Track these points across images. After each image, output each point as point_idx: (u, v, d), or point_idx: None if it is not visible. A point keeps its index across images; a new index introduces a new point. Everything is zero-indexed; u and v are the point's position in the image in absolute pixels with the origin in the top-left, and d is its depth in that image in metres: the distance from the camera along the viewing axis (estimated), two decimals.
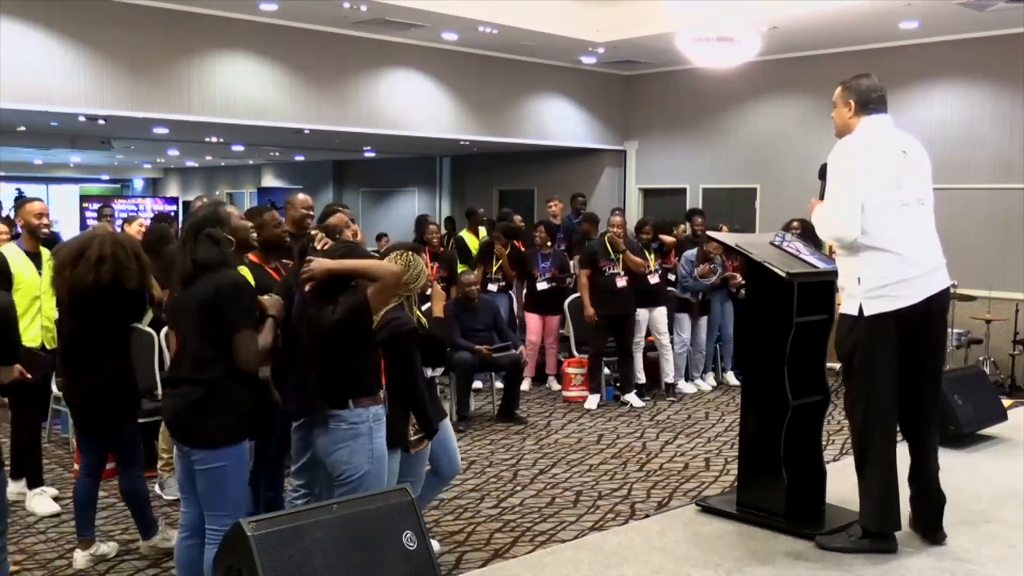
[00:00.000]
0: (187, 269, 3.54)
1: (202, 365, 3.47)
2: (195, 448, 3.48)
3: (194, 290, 3.51)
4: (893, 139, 4.29)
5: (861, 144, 4.23)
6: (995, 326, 9.12)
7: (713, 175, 11.93)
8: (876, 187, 4.14)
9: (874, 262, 4.16)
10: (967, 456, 6.13)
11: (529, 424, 7.51)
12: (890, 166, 4.20)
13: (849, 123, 4.31)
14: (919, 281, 4.20)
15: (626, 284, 8.09)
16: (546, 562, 4.32)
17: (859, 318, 4.19)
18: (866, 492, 4.30)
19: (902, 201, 4.19)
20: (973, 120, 9.66)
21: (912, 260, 4.19)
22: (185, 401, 3.49)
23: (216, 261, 3.52)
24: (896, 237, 4.16)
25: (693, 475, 6.08)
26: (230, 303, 3.46)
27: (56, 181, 25.53)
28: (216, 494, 3.48)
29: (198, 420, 3.47)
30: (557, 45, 10.62)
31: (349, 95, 10.12)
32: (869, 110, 4.27)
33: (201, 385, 3.47)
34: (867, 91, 4.29)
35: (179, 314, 3.63)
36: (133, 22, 8.51)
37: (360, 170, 18.94)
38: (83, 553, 4.46)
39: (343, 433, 3.63)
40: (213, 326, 3.46)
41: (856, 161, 4.18)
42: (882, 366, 4.21)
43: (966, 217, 9.42)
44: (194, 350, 3.50)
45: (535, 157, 13.66)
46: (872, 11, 8.74)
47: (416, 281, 4.10)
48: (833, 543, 4.34)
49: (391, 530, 3.28)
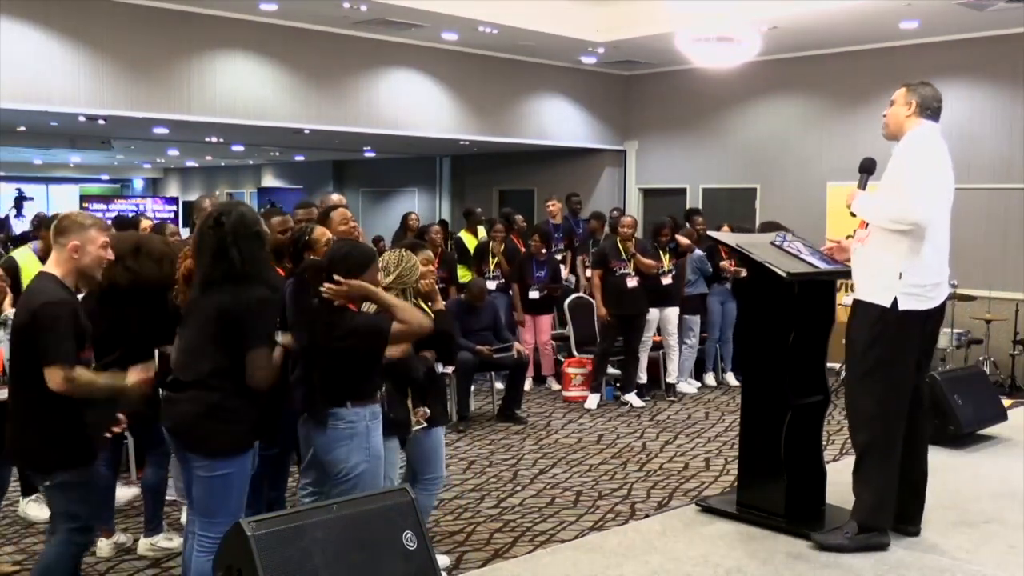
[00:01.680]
0: (232, 270, 3.37)
1: (215, 373, 3.35)
2: (199, 456, 3.37)
3: (215, 294, 3.37)
4: (945, 150, 4.39)
5: (932, 143, 4.32)
6: (995, 326, 9.12)
7: (713, 175, 11.93)
8: (940, 186, 4.23)
9: (923, 259, 4.23)
10: (967, 456, 6.13)
11: (529, 424, 7.51)
12: (946, 173, 4.32)
13: (904, 123, 4.37)
14: (944, 287, 4.36)
15: (637, 284, 8.09)
16: (546, 562, 4.32)
17: (889, 311, 4.22)
18: (866, 486, 4.30)
19: (947, 207, 4.30)
20: (973, 120, 9.65)
21: (943, 266, 4.34)
22: (193, 407, 3.36)
23: (263, 265, 3.45)
24: (942, 239, 4.29)
25: (693, 475, 6.08)
26: (253, 319, 3.36)
27: (56, 181, 25.55)
28: (218, 501, 3.38)
29: (205, 428, 3.35)
30: (557, 45, 10.62)
31: (349, 95, 10.12)
32: (927, 115, 4.36)
33: (214, 391, 3.34)
34: (930, 98, 4.38)
35: (194, 316, 3.47)
36: (133, 22, 8.50)
37: (360, 170, 18.94)
38: (107, 542, 4.57)
39: (340, 432, 3.65)
40: (232, 336, 3.34)
41: (930, 155, 4.26)
42: (903, 361, 4.27)
43: (966, 217, 9.37)
44: (208, 356, 3.37)
45: (535, 157, 13.66)
46: (872, 11, 8.74)
47: (410, 275, 4.10)
48: (830, 541, 4.35)
49: (391, 530, 3.28)
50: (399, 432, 4.05)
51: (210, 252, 3.40)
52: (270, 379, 3.43)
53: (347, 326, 3.62)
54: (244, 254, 3.38)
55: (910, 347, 4.28)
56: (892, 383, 4.26)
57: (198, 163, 22.87)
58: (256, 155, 18.93)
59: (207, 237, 3.42)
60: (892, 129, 4.40)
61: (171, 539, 4.62)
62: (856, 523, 4.33)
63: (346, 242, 4.08)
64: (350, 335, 3.60)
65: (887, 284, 4.24)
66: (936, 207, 4.21)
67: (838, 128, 10.36)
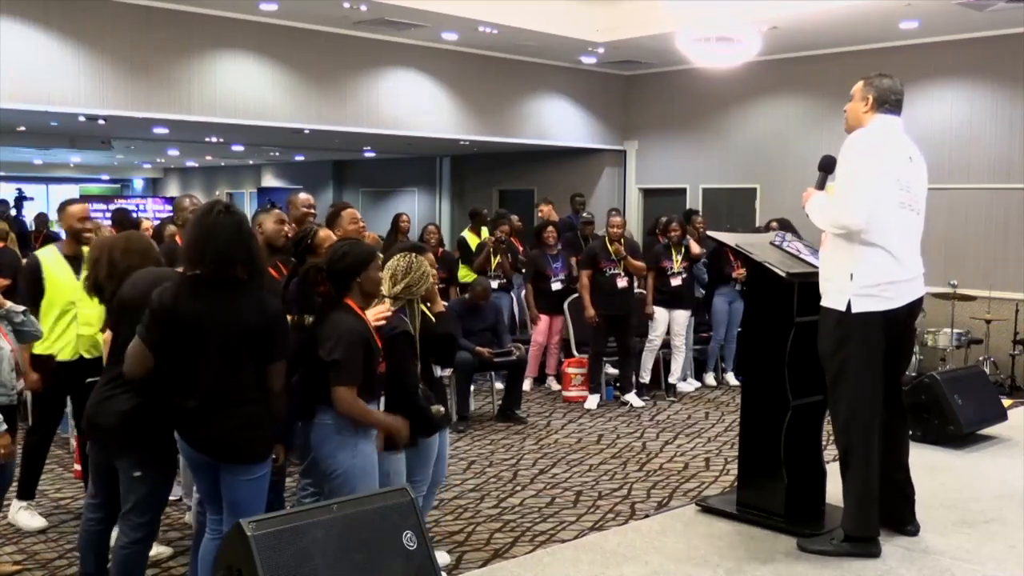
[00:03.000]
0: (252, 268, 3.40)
1: (249, 387, 3.40)
2: (244, 464, 3.44)
3: (235, 312, 3.35)
4: (902, 142, 4.30)
5: (874, 140, 4.22)
6: (995, 326, 9.12)
7: (713, 175, 11.94)
8: (883, 185, 4.14)
9: (871, 259, 4.14)
10: (967, 456, 6.13)
11: (529, 424, 7.51)
12: (896, 168, 4.21)
13: (861, 118, 4.31)
14: (905, 286, 4.21)
15: (626, 284, 8.10)
16: (546, 562, 4.32)
17: (846, 314, 4.16)
18: (848, 493, 4.28)
19: (902, 204, 4.19)
20: (973, 120, 9.66)
21: (903, 263, 4.19)
22: (235, 423, 3.39)
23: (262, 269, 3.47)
24: (894, 238, 4.16)
25: (693, 475, 6.08)
26: (281, 334, 3.45)
27: (56, 181, 25.55)
28: (256, 501, 3.49)
29: (246, 440, 3.42)
30: (557, 45, 10.62)
31: (349, 95, 10.12)
32: (884, 109, 4.27)
33: (250, 404, 3.40)
34: (887, 91, 4.29)
35: (215, 336, 3.35)
36: (133, 22, 8.51)
37: (360, 170, 18.94)
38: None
39: (327, 429, 3.66)
40: (260, 352, 3.39)
41: (869, 155, 4.17)
42: (868, 365, 4.19)
43: (966, 217, 9.42)
44: (242, 376, 3.37)
45: (535, 157, 13.66)
46: (872, 11, 8.74)
47: (419, 284, 4.07)
48: (815, 546, 4.33)
49: (391, 530, 3.27)
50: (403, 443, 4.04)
51: (222, 246, 3.32)
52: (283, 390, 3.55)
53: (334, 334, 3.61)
54: (255, 251, 3.42)
55: (874, 349, 4.18)
56: (860, 387, 4.19)
57: (198, 163, 22.87)
58: (256, 155, 18.93)
59: (220, 230, 3.34)
60: (851, 124, 4.35)
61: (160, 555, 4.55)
62: (843, 530, 4.31)
63: (346, 241, 4.06)
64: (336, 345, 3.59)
65: (840, 287, 4.19)
66: (880, 207, 4.09)
67: (838, 128, 10.18)
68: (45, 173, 24.05)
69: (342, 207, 5.42)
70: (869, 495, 4.23)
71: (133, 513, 3.58)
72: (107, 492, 3.76)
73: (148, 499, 3.59)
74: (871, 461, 4.23)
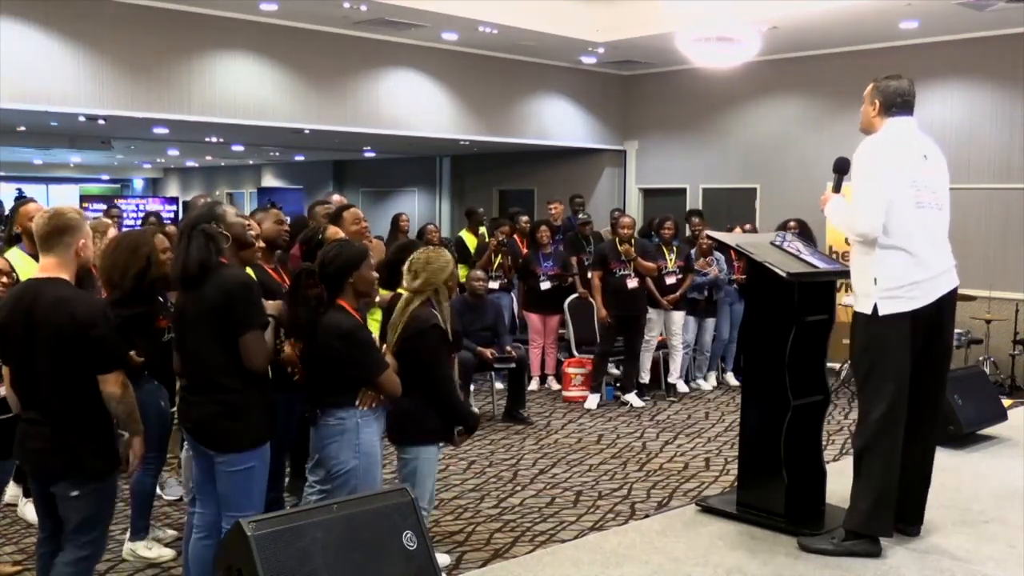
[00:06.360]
0: (187, 269, 3.45)
1: (222, 371, 3.43)
2: (222, 453, 3.46)
3: (200, 295, 3.44)
4: (915, 142, 4.35)
5: (885, 144, 4.28)
6: (995, 326, 9.12)
7: (713, 175, 11.93)
8: (898, 188, 4.19)
9: (891, 262, 4.20)
10: (967, 456, 6.13)
11: (529, 424, 7.50)
12: (909, 168, 4.26)
13: (873, 122, 4.38)
14: (930, 284, 4.26)
15: (637, 285, 8.09)
16: (546, 562, 4.32)
17: (873, 317, 4.21)
18: (862, 492, 4.28)
19: (919, 203, 4.24)
20: (973, 120, 9.65)
21: (926, 263, 4.24)
22: (211, 408, 3.45)
23: (210, 259, 3.44)
24: (913, 239, 4.22)
25: (693, 475, 6.08)
26: (240, 304, 3.43)
27: (56, 181, 25.55)
28: (242, 494, 3.49)
29: (226, 426, 3.45)
30: (557, 45, 10.62)
31: (349, 95, 10.12)
32: (893, 112, 4.33)
33: (226, 391, 3.44)
34: (893, 94, 4.34)
35: (186, 319, 3.52)
36: (133, 22, 8.51)
37: (360, 170, 18.94)
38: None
39: (331, 428, 3.70)
40: (226, 329, 3.41)
41: (880, 161, 4.23)
42: (896, 366, 4.23)
43: (966, 217, 9.39)
44: (210, 356, 3.44)
45: (535, 157, 13.65)
46: (872, 11, 8.74)
47: (439, 274, 4.01)
48: (814, 545, 4.34)
49: (391, 530, 3.27)
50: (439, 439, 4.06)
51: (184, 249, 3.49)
52: (267, 358, 3.56)
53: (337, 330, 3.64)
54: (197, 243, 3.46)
55: (900, 350, 4.22)
56: (886, 388, 4.22)
57: (198, 163, 22.87)
58: (256, 155, 18.93)
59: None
60: (864, 127, 4.45)
61: (150, 548, 4.55)
62: (844, 529, 4.31)
63: (336, 243, 4.07)
64: (339, 339, 3.62)
65: (866, 291, 4.26)
66: (895, 211, 4.15)
67: (838, 128, 10.34)
68: (45, 173, 24.05)
69: (344, 207, 5.42)
70: (887, 496, 4.24)
71: (79, 533, 3.35)
72: (56, 522, 3.46)
73: (93, 516, 3.38)
74: (893, 462, 4.25)
